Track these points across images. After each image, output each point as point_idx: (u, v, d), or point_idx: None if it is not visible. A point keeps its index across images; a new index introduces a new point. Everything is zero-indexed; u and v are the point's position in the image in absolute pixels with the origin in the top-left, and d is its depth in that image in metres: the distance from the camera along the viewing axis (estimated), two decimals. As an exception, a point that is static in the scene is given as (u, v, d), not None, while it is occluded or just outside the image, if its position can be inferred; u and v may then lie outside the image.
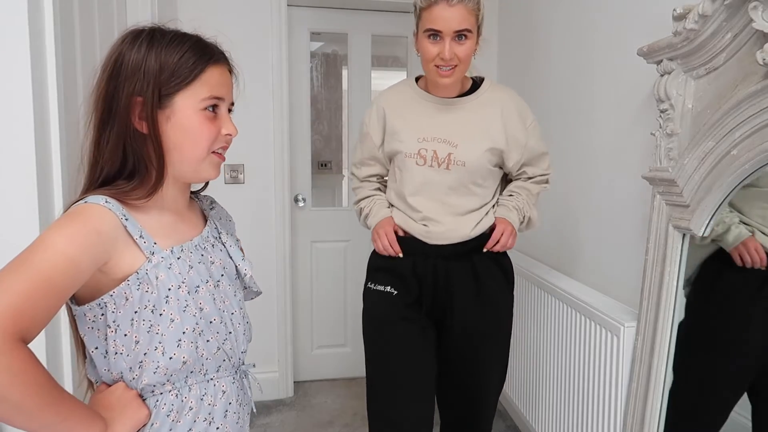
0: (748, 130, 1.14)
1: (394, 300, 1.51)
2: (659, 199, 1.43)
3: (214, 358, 0.86)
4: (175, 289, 0.82)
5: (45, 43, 1.28)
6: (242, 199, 2.61)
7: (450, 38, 1.37)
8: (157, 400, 0.83)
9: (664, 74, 1.37)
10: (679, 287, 1.39)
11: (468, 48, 1.40)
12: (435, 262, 1.49)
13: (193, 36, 0.86)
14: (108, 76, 0.81)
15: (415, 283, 1.51)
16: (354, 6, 2.73)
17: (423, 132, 1.49)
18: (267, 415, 2.59)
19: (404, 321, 1.51)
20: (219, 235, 0.97)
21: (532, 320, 2.14)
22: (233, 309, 0.92)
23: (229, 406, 0.89)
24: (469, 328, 1.52)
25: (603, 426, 1.64)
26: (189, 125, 0.83)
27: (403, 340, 1.50)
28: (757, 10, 1.06)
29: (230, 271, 0.94)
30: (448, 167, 1.47)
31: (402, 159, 1.51)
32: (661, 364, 1.42)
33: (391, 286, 1.52)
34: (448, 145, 1.48)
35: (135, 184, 0.82)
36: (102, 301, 0.79)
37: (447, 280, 1.50)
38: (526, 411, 2.24)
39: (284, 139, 2.62)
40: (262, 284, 2.69)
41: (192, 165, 0.86)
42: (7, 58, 1.21)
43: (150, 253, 0.81)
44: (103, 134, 0.81)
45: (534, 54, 2.39)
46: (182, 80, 0.82)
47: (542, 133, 1.59)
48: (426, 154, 1.48)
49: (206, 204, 1.02)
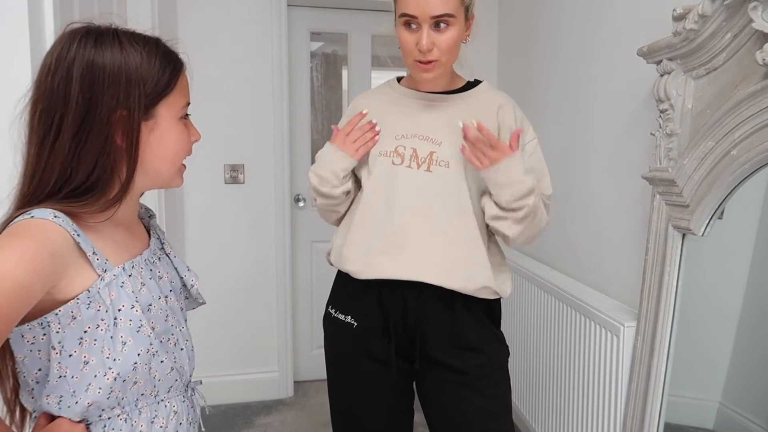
0: (747, 130, 1.14)
1: (356, 332, 1.28)
2: (659, 199, 1.43)
3: (167, 378, 0.82)
4: (128, 308, 0.75)
5: (45, 44, 1.28)
6: (242, 199, 2.62)
7: (428, 26, 1.14)
8: (104, 425, 0.77)
9: (664, 74, 1.37)
10: (679, 287, 1.39)
11: (450, 37, 1.16)
12: (404, 292, 1.23)
13: (158, 39, 0.80)
14: (80, 87, 0.71)
15: (379, 313, 1.26)
16: (354, 6, 2.73)
17: (402, 128, 1.26)
18: (267, 415, 2.59)
19: (369, 361, 1.27)
20: (162, 246, 0.92)
21: (532, 320, 2.14)
22: (181, 325, 0.87)
23: (179, 426, 0.85)
24: (445, 368, 1.25)
25: (603, 426, 1.64)
26: (170, 137, 0.79)
27: (369, 384, 1.30)
28: (757, 10, 1.06)
29: (176, 285, 0.90)
30: (429, 168, 1.22)
31: (375, 159, 1.26)
32: (661, 364, 1.42)
33: (351, 317, 1.29)
34: (430, 143, 1.24)
35: (87, 198, 0.74)
36: (45, 320, 0.71)
37: (418, 310, 1.24)
38: (526, 411, 2.24)
39: (284, 139, 2.62)
40: (262, 284, 2.72)
41: (165, 176, 0.82)
42: (7, 58, 1.21)
43: (102, 270, 0.74)
44: (74, 150, 0.72)
45: (534, 54, 2.39)
46: (163, 89, 0.77)
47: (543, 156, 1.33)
48: (404, 152, 1.24)
49: (144, 213, 0.94)
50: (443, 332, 1.24)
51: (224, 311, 2.62)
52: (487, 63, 2.79)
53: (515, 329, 2.30)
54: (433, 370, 1.27)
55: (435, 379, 1.27)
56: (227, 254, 2.63)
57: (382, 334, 1.26)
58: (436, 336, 1.24)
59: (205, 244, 2.60)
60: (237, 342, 2.69)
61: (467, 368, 1.24)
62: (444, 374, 1.25)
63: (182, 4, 2.44)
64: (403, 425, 1.36)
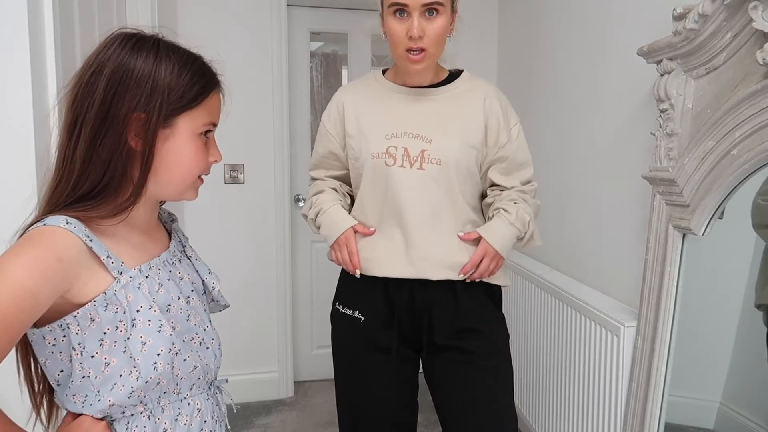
0: (748, 129, 1.14)
1: (363, 326, 1.32)
2: (659, 199, 1.43)
3: (189, 376, 0.83)
4: (146, 309, 0.77)
5: (45, 44, 1.28)
6: (242, 199, 2.62)
7: (418, 13, 1.16)
8: (128, 422, 0.79)
9: (664, 74, 1.37)
10: (679, 287, 1.39)
11: (440, 26, 1.18)
12: (411, 286, 1.29)
13: (198, 56, 0.83)
14: (105, 84, 0.74)
15: (385, 307, 1.31)
16: (354, 6, 2.73)
17: (392, 127, 1.28)
18: (267, 415, 2.59)
19: (374, 352, 1.32)
20: (184, 249, 0.94)
21: (532, 320, 2.14)
22: (205, 324, 0.89)
23: (204, 424, 0.86)
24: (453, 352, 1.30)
25: (603, 426, 1.64)
26: (185, 150, 0.80)
27: (375, 374, 1.33)
28: (757, 9, 1.06)
29: (198, 286, 0.92)
30: (421, 166, 1.25)
31: (368, 159, 1.29)
32: (661, 364, 1.41)
33: (359, 312, 1.33)
34: (421, 140, 1.26)
35: (100, 201, 0.76)
36: (64, 323, 0.73)
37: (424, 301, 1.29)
38: (526, 411, 2.24)
39: (284, 139, 2.62)
40: (262, 284, 2.71)
41: (178, 188, 0.84)
42: (7, 59, 1.21)
43: (118, 273, 0.76)
44: (91, 146, 0.75)
45: (534, 54, 2.39)
46: (188, 102, 0.79)
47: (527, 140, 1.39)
48: (396, 152, 1.26)
49: (166, 217, 0.97)
50: (448, 318, 1.29)
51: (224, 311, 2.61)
52: (487, 63, 2.79)
53: (516, 329, 2.30)
54: (440, 354, 1.31)
55: (443, 362, 1.32)
56: (227, 254, 2.62)
57: (387, 325, 1.31)
58: (442, 323, 1.29)
59: (205, 244, 2.59)
60: (237, 342, 2.69)
61: (473, 348, 1.29)
62: (451, 356, 1.30)
63: (182, 3, 2.44)
64: (407, 418, 1.40)
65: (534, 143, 2.37)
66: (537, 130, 2.31)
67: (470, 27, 2.74)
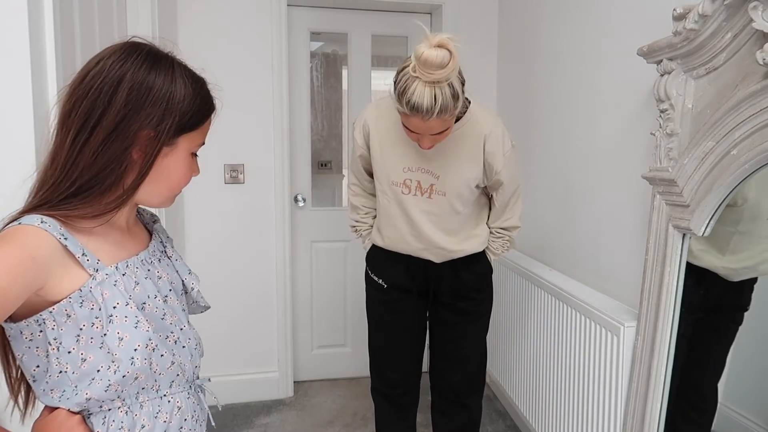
0: (748, 129, 1.14)
1: (386, 289, 1.77)
2: (659, 199, 1.43)
3: (168, 373, 0.85)
4: (123, 306, 0.78)
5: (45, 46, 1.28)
6: (242, 199, 2.62)
7: (428, 135, 1.42)
8: (104, 416, 0.80)
9: (664, 74, 1.37)
10: (679, 287, 1.39)
11: (447, 132, 1.46)
12: (425, 264, 1.72)
13: (204, 81, 0.86)
14: (125, 98, 0.76)
15: (404, 276, 1.74)
16: (354, 6, 2.73)
17: (408, 162, 1.60)
18: (267, 415, 2.59)
19: (398, 302, 1.77)
20: (165, 249, 0.96)
21: (532, 320, 2.14)
22: (182, 324, 0.90)
23: (184, 422, 0.87)
24: (454, 302, 1.75)
25: (603, 426, 1.64)
26: (179, 166, 0.85)
27: (397, 319, 1.79)
28: (757, 10, 1.06)
29: (177, 286, 0.93)
30: (430, 196, 1.62)
31: (388, 184, 1.64)
32: (661, 364, 1.42)
33: (382, 280, 1.77)
34: (431, 176, 1.59)
35: (83, 200, 0.77)
36: (40, 318, 0.75)
37: (436, 271, 1.73)
38: (526, 411, 2.24)
39: (284, 139, 2.62)
40: (262, 284, 2.71)
41: (162, 198, 0.87)
42: (7, 61, 1.21)
43: (94, 270, 0.77)
44: (96, 153, 0.76)
45: (534, 54, 2.39)
46: (193, 126, 0.83)
47: (518, 164, 1.67)
48: (411, 184, 1.61)
49: (148, 218, 0.99)
50: (450, 286, 1.73)
51: (224, 311, 2.62)
52: (487, 64, 2.79)
53: (515, 329, 2.30)
54: (442, 309, 1.77)
55: (444, 311, 1.77)
56: (227, 254, 2.63)
57: (407, 288, 1.75)
58: (445, 289, 1.74)
59: (205, 244, 2.60)
60: (237, 342, 2.69)
61: (465, 307, 1.75)
62: (450, 308, 1.76)
63: (182, 4, 2.44)
64: (419, 340, 1.85)
65: (534, 143, 2.37)
66: (537, 130, 2.31)
67: (470, 27, 2.74)
